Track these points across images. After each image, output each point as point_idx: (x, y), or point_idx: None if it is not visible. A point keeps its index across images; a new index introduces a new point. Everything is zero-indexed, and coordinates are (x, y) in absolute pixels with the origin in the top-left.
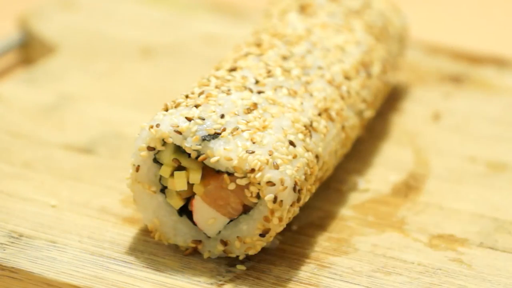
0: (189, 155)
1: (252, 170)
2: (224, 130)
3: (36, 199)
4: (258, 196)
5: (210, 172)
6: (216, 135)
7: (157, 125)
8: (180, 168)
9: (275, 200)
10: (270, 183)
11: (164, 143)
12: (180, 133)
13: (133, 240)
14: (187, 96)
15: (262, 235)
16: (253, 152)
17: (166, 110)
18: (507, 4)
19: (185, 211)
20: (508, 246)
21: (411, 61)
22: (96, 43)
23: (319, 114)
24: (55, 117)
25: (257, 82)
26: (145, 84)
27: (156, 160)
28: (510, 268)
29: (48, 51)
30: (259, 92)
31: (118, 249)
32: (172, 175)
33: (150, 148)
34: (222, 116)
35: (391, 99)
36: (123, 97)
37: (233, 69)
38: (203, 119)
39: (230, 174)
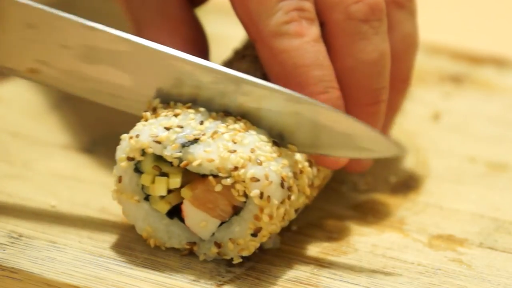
0: (171, 163)
1: (235, 168)
2: (203, 135)
3: (36, 199)
4: (245, 195)
5: (196, 177)
6: (195, 140)
7: (137, 136)
8: (161, 174)
9: (261, 196)
10: (254, 179)
11: (143, 153)
12: (159, 142)
13: (133, 240)
14: (168, 105)
15: (254, 234)
16: (234, 151)
17: (146, 120)
18: (507, 4)
19: (175, 213)
20: (508, 246)
21: None
22: None
23: None
24: (55, 117)
25: None
26: None
27: (137, 170)
28: (510, 268)
29: None
30: None
31: (118, 249)
32: (153, 181)
33: (130, 159)
34: (202, 123)
35: None
36: None
37: None
38: (182, 127)
39: (215, 176)
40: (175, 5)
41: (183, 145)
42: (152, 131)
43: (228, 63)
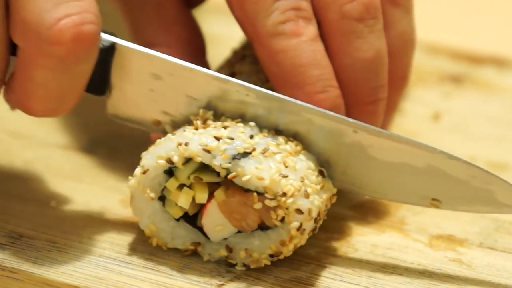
0: (218, 174)
1: (284, 194)
2: (254, 150)
3: (36, 199)
4: (281, 220)
5: (236, 186)
6: (246, 154)
7: (186, 144)
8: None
9: (299, 228)
10: (298, 211)
11: (185, 161)
12: (209, 151)
13: (133, 241)
14: (218, 118)
15: (272, 255)
16: (286, 176)
17: (196, 128)
18: (507, 4)
19: (182, 215)
20: (508, 246)
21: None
22: None
23: None
24: (55, 117)
25: None
26: None
27: (166, 171)
28: (510, 268)
29: None
30: None
31: (118, 249)
32: (178, 188)
33: (169, 162)
34: (251, 137)
35: None
36: None
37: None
38: (232, 139)
39: (259, 193)
40: (170, 6)
41: (234, 157)
42: (201, 140)
43: (228, 64)
